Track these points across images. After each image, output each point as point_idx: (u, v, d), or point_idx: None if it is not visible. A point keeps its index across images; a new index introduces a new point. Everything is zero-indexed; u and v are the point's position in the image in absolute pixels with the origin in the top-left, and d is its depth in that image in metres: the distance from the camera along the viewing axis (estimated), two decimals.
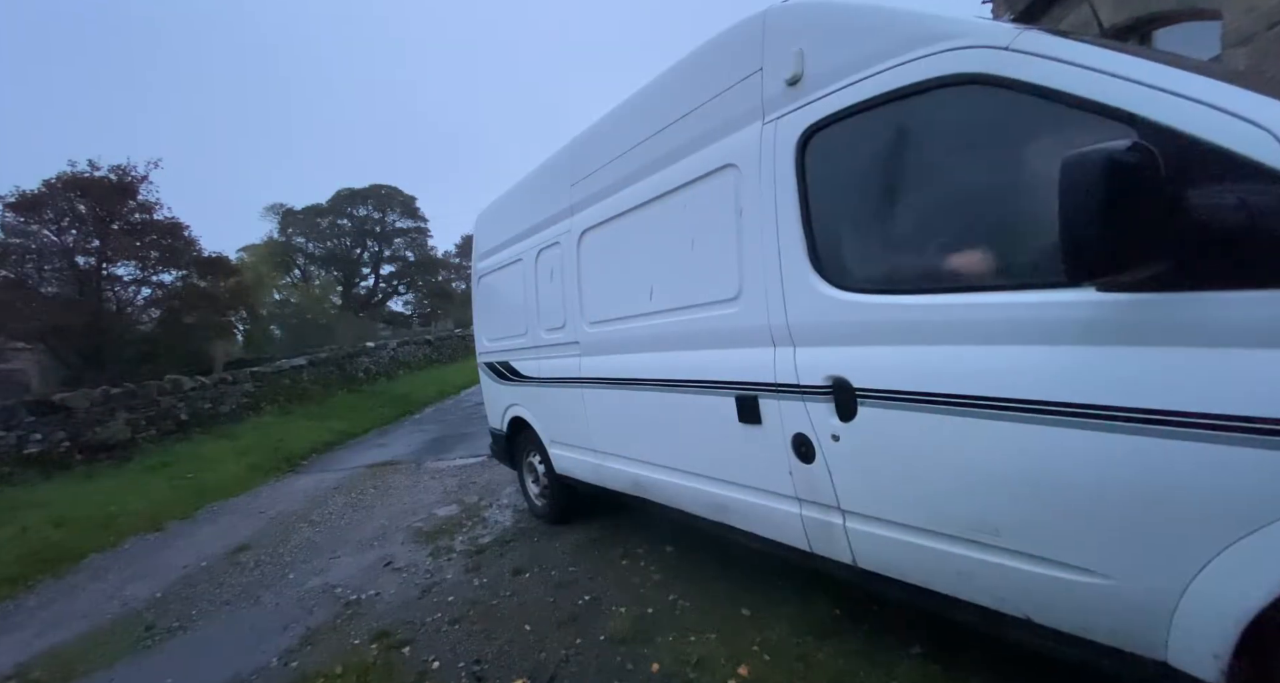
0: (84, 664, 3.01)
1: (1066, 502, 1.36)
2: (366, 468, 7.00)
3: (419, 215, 37.01)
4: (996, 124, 1.49)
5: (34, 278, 14.32)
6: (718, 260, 2.24)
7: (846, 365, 1.78)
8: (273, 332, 27.37)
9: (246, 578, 3.91)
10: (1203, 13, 4.16)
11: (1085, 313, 1.28)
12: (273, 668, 2.70)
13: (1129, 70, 1.24)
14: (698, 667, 2.21)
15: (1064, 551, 1.39)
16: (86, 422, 8.09)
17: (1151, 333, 1.19)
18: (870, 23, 1.74)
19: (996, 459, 1.47)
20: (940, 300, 1.55)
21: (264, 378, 11.45)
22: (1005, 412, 1.42)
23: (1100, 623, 1.37)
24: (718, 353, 2.29)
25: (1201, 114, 1.12)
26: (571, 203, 3.27)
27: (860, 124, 1.76)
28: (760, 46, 2.06)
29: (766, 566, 2.77)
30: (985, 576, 1.55)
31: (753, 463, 2.19)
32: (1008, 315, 1.41)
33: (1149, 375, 1.20)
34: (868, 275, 1.80)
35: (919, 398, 1.59)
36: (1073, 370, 1.31)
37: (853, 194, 1.85)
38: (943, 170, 1.64)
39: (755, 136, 2.06)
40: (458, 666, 2.47)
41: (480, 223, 4.66)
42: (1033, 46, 1.39)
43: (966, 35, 1.51)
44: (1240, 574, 1.11)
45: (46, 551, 4.83)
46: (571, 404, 3.44)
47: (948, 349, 1.54)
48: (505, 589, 3.14)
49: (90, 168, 14.23)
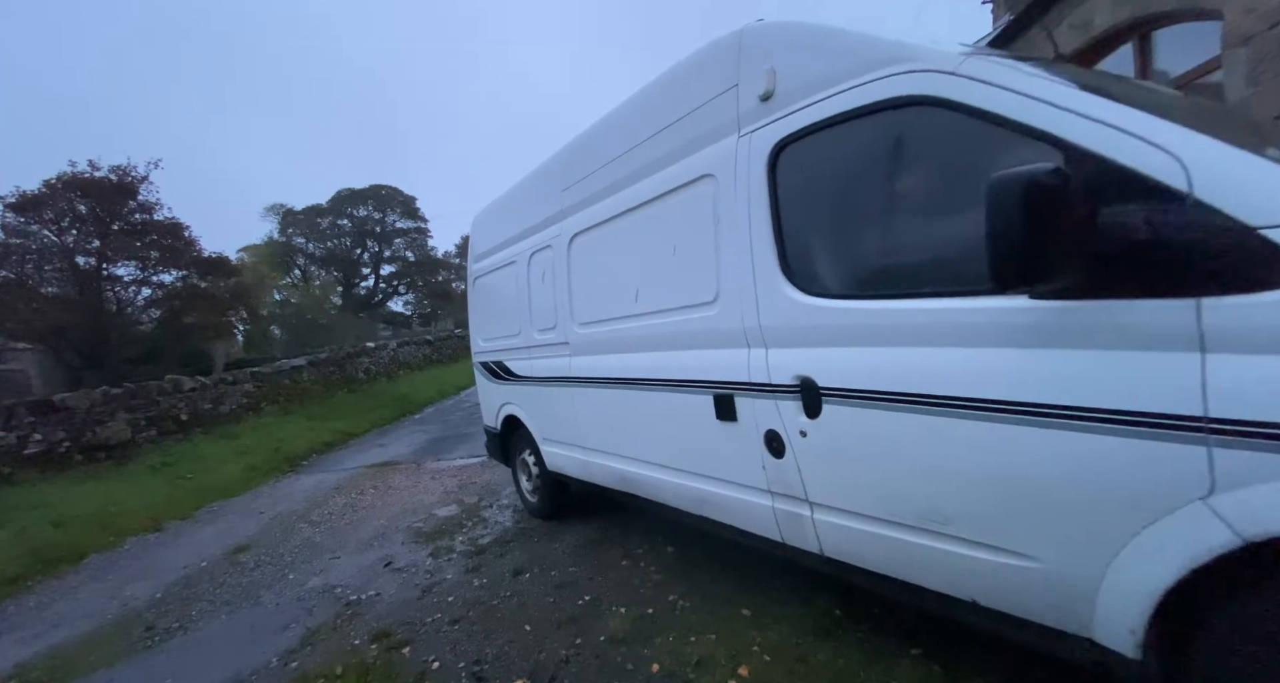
0: (84, 664, 3.01)
1: (1003, 491, 1.48)
2: (366, 468, 7.00)
3: (419, 216, 37.02)
4: (942, 143, 1.60)
5: (34, 278, 14.33)
6: (697, 265, 2.36)
7: (812, 366, 1.90)
8: (273, 332, 27.39)
9: (246, 578, 3.91)
10: (1203, 13, 4.16)
11: (1015, 318, 1.40)
12: (273, 668, 2.70)
13: (1059, 98, 1.36)
14: (698, 667, 2.21)
15: (1004, 537, 1.50)
16: (86, 422, 8.09)
17: (1070, 337, 1.32)
18: (834, 45, 1.86)
19: (943, 453, 1.58)
20: (894, 306, 1.68)
21: (264, 378, 11.45)
22: (950, 408, 1.53)
23: (1036, 604, 1.49)
24: (697, 354, 2.40)
25: (1119, 140, 1.24)
26: (563, 207, 3.37)
27: (824, 140, 1.88)
28: (737, 63, 2.18)
29: (766, 566, 2.77)
30: (938, 562, 1.67)
31: (729, 458, 2.31)
32: (951, 320, 1.53)
33: (1067, 375, 1.32)
34: (831, 282, 1.91)
35: (876, 396, 1.71)
36: (1004, 370, 1.43)
37: (817, 205, 1.97)
38: (896, 185, 1.76)
39: (731, 149, 2.19)
40: (458, 666, 2.47)
41: (476, 225, 4.76)
42: (975, 72, 1.50)
43: (917, 59, 1.62)
44: (1150, 557, 1.23)
45: (46, 551, 4.83)
46: (562, 403, 3.54)
47: (901, 351, 1.65)
48: (505, 590, 3.14)
49: (90, 168, 14.25)
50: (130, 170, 14.60)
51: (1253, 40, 3.76)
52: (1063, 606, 1.42)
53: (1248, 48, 3.80)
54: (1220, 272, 1.12)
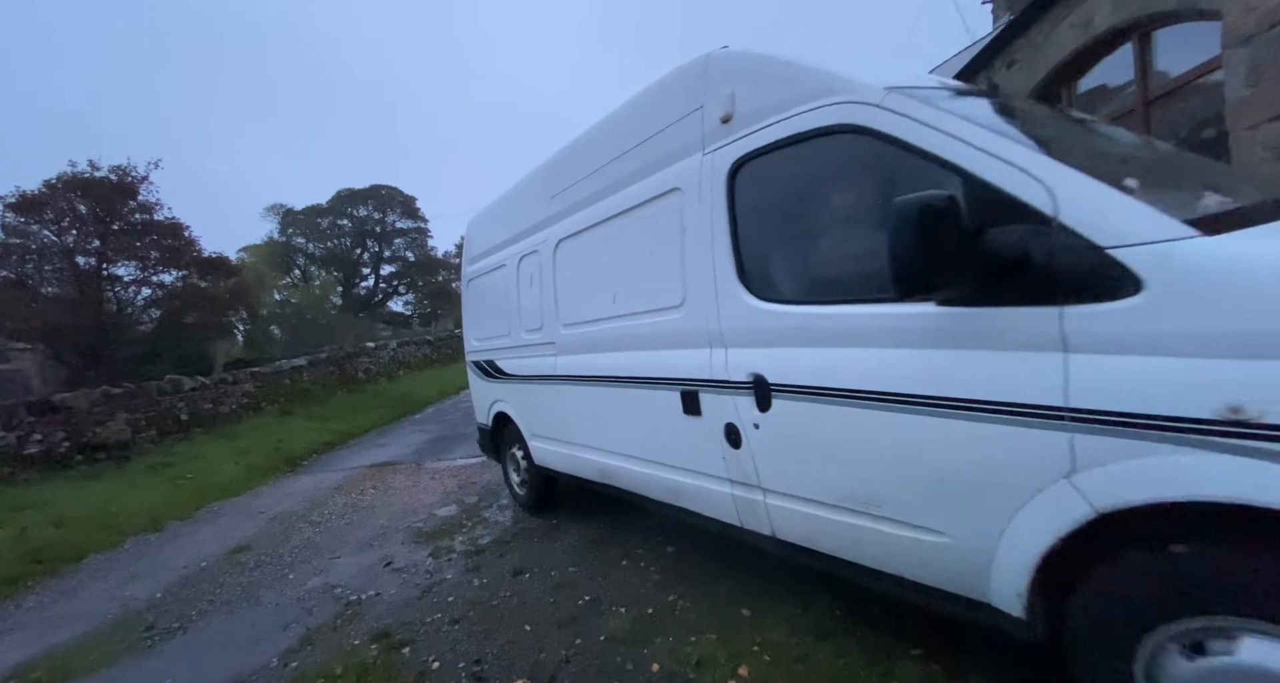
0: (84, 664, 3.01)
1: (916, 474, 1.68)
2: (366, 468, 7.00)
3: (419, 216, 37.02)
4: (867, 167, 1.82)
5: (34, 278, 14.33)
6: (666, 272, 2.55)
7: (764, 364, 2.09)
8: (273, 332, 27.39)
9: (246, 578, 3.91)
10: (1203, 13, 4.16)
11: (922, 322, 1.61)
12: (273, 668, 2.69)
13: (960, 131, 1.56)
14: (698, 667, 2.21)
15: (919, 516, 1.70)
16: (86, 422, 8.09)
17: (964, 338, 1.52)
18: (784, 74, 2.05)
19: (868, 441, 1.78)
20: (829, 310, 1.89)
21: (264, 378, 11.45)
22: (872, 401, 1.74)
23: (947, 575, 1.68)
24: (667, 353, 2.59)
25: (1004, 170, 1.45)
26: (549, 214, 3.56)
27: (774, 160, 2.08)
28: (703, 86, 2.38)
29: (766, 566, 2.77)
30: (870, 540, 1.86)
31: (695, 450, 2.49)
32: (874, 323, 1.74)
33: (961, 372, 1.53)
34: (779, 288, 2.12)
35: (815, 391, 1.91)
36: (913, 367, 1.63)
37: (768, 219, 2.17)
38: (830, 202, 1.99)
39: (697, 165, 2.38)
40: (458, 666, 2.47)
41: (471, 229, 4.96)
42: (895, 106, 1.70)
43: (849, 92, 1.81)
44: (1028, 528, 1.43)
45: (46, 551, 4.82)
46: (548, 399, 3.74)
47: (836, 350, 1.86)
48: (505, 590, 3.14)
49: (90, 168, 14.26)
50: (130, 170, 14.61)
51: (1253, 40, 3.76)
52: (968, 575, 1.62)
53: (1248, 48, 3.79)
54: (1078, 284, 1.33)
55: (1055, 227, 1.35)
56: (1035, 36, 6.04)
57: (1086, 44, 5.30)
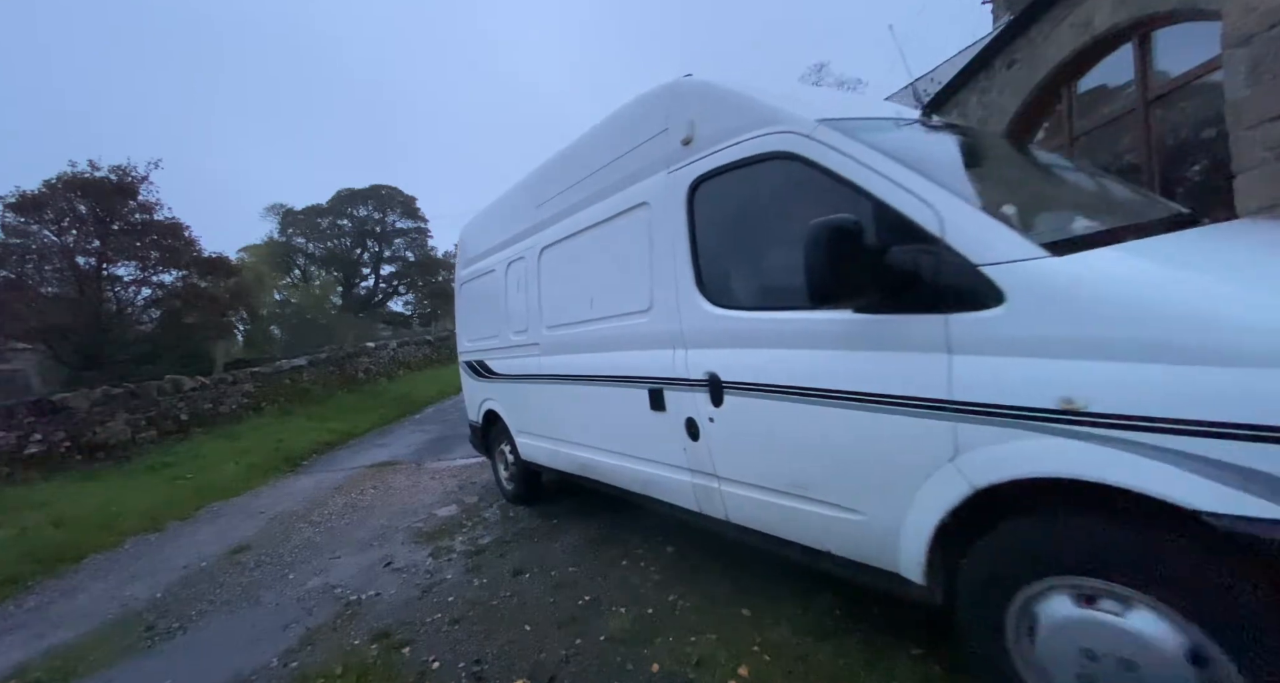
0: (84, 664, 3.01)
1: (837, 459, 1.92)
2: (367, 468, 7.00)
3: (419, 216, 36.99)
4: (798, 190, 2.03)
5: (34, 278, 14.32)
6: (637, 279, 2.78)
7: (717, 364, 2.32)
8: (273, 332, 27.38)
9: (246, 578, 3.91)
10: (1203, 13, 4.16)
11: (840, 327, 1.84)
12: (273, 668, 2.69)
13: (873, 162, 1.79)
14: (698, 667, 2.21)
15: (842, 497, 1.93)
16: (86, 422, 8.09)
17: (872, 341, 1.76)
18: (735, 104, 2.29)
19: (800, 431, 2.01)
20: (769, 316, 2.12)
21: (264, 378, 11.45)
22: (800, 396, 1.98)
23: (865, 549, 1.91)
24: (636, 354, 2.81)
25: (905, 197, 1.68)
26: (535, 222, 3.80)
27: (726, 180, 2.31)
28: (668, 111, 2.62)
29: (766, 566, 2.77)
30: (805, 521, 2.09)
31: (661, 443, 2.70)
32: (802, 328, 1.98)
33: (870, 369, 1.77)
34: (730, 295, 2.34)
35: (757, 387, 2.15)
36: (832, 366, 1.88)
37: (721, 233, 2.40)
38: (770, 220, 2.20)
39: (662, 182, 2.62)
40: (458, 666, 2.47)
41: (464, 234, 5.25)
42: (822, 137, 1.93)
43: (786, 122, 2.05)
44: (925, 505, 1.66)
45: (46, 551, 4.82)
46: (533, 397, 3.99)
47: (774, 351, 2.09)
48: (505, 590, 3.14)
49: (90, 168, 14.25)
50: (130, 170, 14.60)
51: (1253, 40, 3.76)
52: (881, 548, 1.84)
53: (1248, 48, 3.79)
54: (958, 295, 1.56)
55: (942, 246, 1.58)
56: (1035, 36, 6.03)
57: (1086, 44, 5.30)
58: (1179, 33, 4.60)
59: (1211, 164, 4.47)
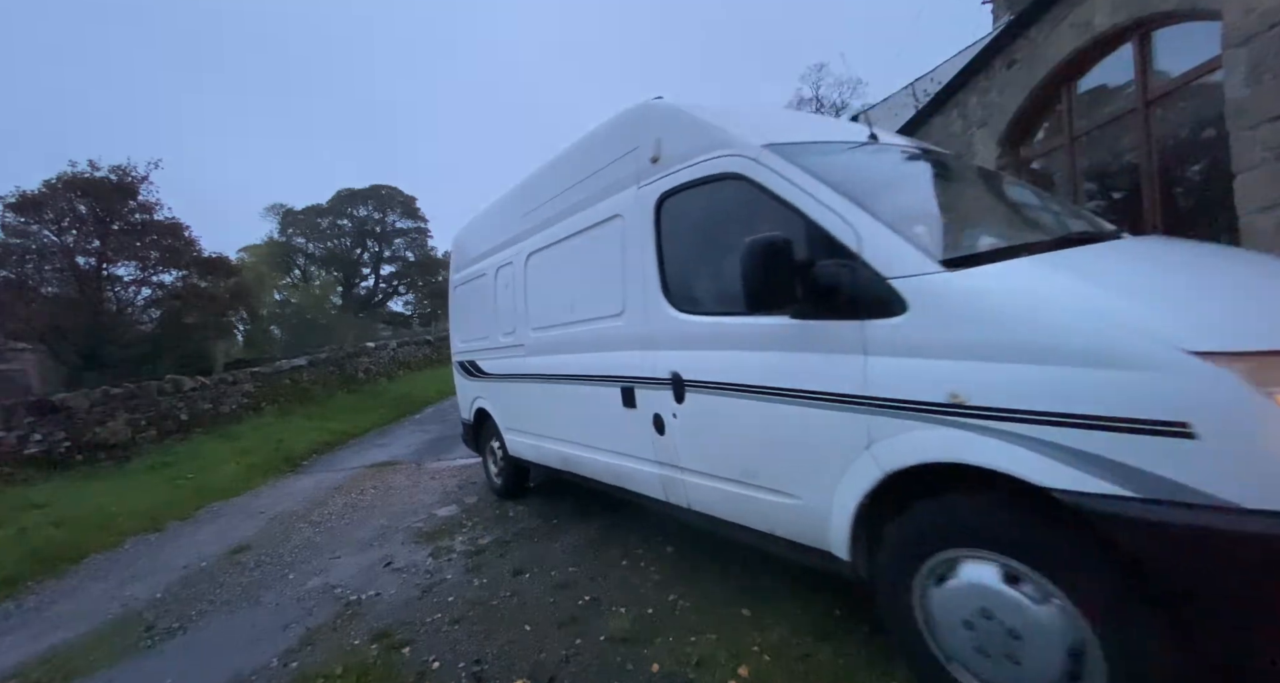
0: (84, 664, 3.01)
1: (777, 449, 2.13)
2: (367, 468, 7.00)
3: (419, 216, 36.99)
4: (744, 208, 2.24)
5: (34, 278, 14.32)
6: (611, 285, 2.99)
7: (679, 364, 2.54)
8: (273, 332, 27.39)
9: (246, 578, 3.91)
10: (1203, 13, 4.16)
11: (779, 331, 2.04)
12: (273, 668, 2.69)
13: (805, 185, 2.01)
14: (698, 667, 2.21)
15: (783, 483, 2.14)
16: (86, 422, 8.09)
17: (804, 343, 1.98)
18: (695, 127, 2.53)
19: (747, 424, 2.23)
20: (722, 321, 2.33)
21: (264, 378, 11.45)
22: (749, 393, 2.20)
23: (803, 530, 2.11)
24: (611, 354, 3.02)
25: (831, 217, 1.91)
26: (523, 230, 4.01)
27: (687, 197, 2.55)
28: (639, 130, 2.84)
29: (766, 566, 2.77)
30: (753, 506, 2.29)
31: (632, 437, 2.91)
32: (749, 331, 2.18)
33: (802, 369, 1.99)
34: (690, 301, 2.55)
35: (711, 385, 2.37)
36: (773, 365, 2.09)
37: (682, 244, 2.63)
38: (721, 233, 2.34)
39: (633, 196, 2.84)
40: (458, 666, 2.47)
41: (457, 239, 5.49)
42: (765, 160, 2.15)
43: (735, 146, 2.28)
44: (848, 489, 1.88)
45: (46, 551, 4.82)
46: (519, 396, 4.22)
47: (726, 352, 2.30)
48: (505, 590, 3.14)
49: (90, 168, 14.26)
50: (130, 170, 14.61)
51: (1253, 40, 3.76)
52: (816, 529, 2.04)
53: (1248, 48, 3.79)
54: (872, 304, 1.78)
55: (859, 261, 1.80)
56: (1035, 36, 6.03)
57: (1086, 44, 5.30)
58: (1179, 33, 4.59)
59: (1211, 164, 4.47)
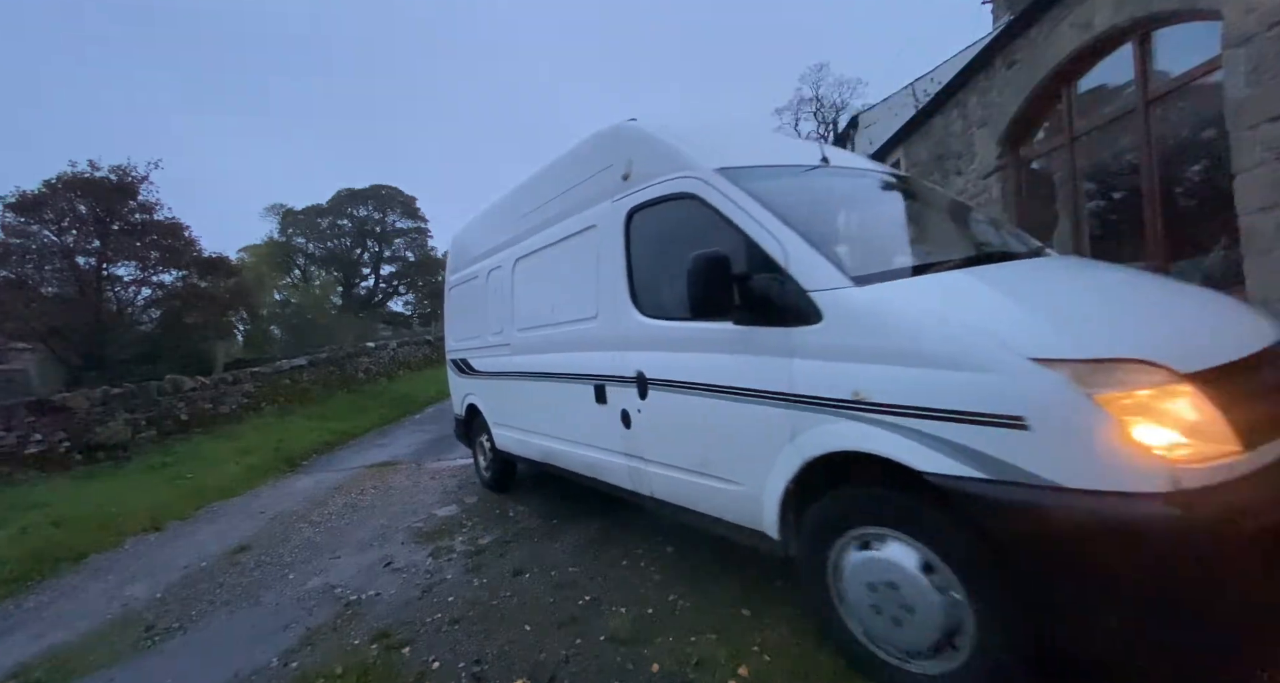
0: (84, 664, 3.01)
1: (722, 441, 2.39)
2: (366, 468, 7.00)
3: (419, 216, 37.00)
4: (697, 224, 2.48)
5: (34, 278, 14.32)
6: (587, 290, 3.24)
7: (644, 363, 2.78)
8: (273, 332, 27.38)
9: (246, 578, 3.91)
10: (1203, 13, 4.16)
11: (724, 336, 2.30)
12: (273, 668, 2.69)
13: (746, 206, 2.28)
14: (698, 667, 2.21)
15: (728, 471, 2.39)
16: (86, 422, 8.08)
17: (744, 346, 2.23)
18: (660, 149, 2.80)
19: (698, 418, 2.48)
20: (679, 325, 2.58)
21: (264, 378, 11.44)
22: (699, 390, 2.46)
23: (744, 513, 2.35)
24: (586, 354, 3.25)
25: (765, 236, 2.18)
26: (512, 235, 4.27)
27: (652, 212, 2.82)
28: (613, 149, 3.10)
29: (766, 566, 2.77)
30: (704, 493, 2.54)
31: (603, 431, 3.14)
32: (700, 335, 2.44)
33: (742, 369, 2.24)
34: (653, 307, 2.80)
35: (669, 383, 2.64)
36: (719, 366, 2.35)
37: (648, 255, 2.87)
38: (678, 247, 2.49)
39: (608, 209, 3.09)
40: (458, 666, 2.47)
41: (453, 243, 5.80)
42: (715, 182, 2.43)
43: (691, 168, 2.56)
44: (777, 475, 2.13)
45: (46, 551, 4.82)
46: (506, 392, 4.48)
47: (682, 354, 2.57)
48: (505, 590, 3.14)
49: (90, 168, 14.25)
50: (130, 170, 14.60)
51: (1253, 40, 3.76)
52: (753, 512, 2.28)
53: (1248, 48, 3.79)
54: (796, 313, 2.04)
55: (787, 276, 2.06)
56: (1035, 36, 6.03)
57: (1086, 44, 5.30)
58: (1179, 33, 4.59)
59: (1211, 164, 4.47)
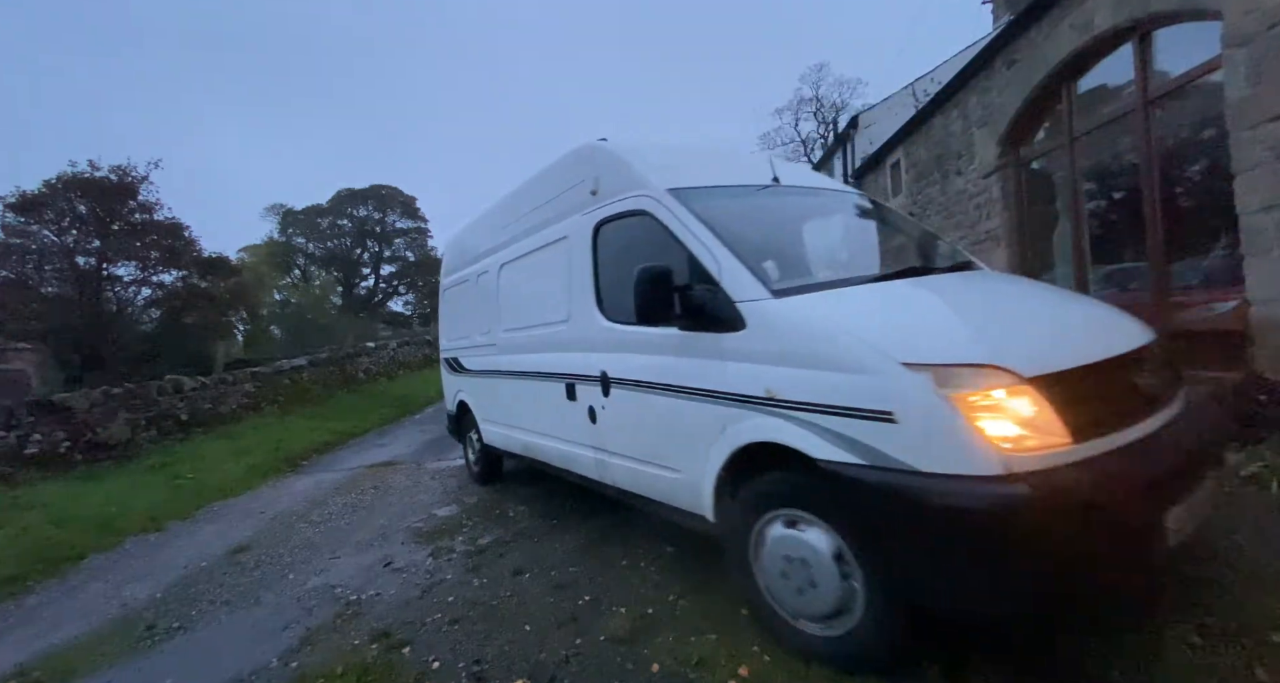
0: (84, 664, 3.01)
1: (669, 434, 2.67)
2: (366, 468, 7.00)
3: (419, 216, 37.01)
4: (649, 239, 2.76)
5: (34, 278, 14.30)
6: (560, 295, 3.52)
7: (607, 364, 3.06)
8: (273, 332, 27.39)
9: (246, 578, 3.91)
10: (1203, 13, 4.16)
11: (670, 340, 2.58)
12: (273, 668, 2.69)
13: (689, 224, 2.57)
14: (698, 667, 2.21)
15: (674, 461, 2.67)
16: (86, 422, 8.08)
17: (687, 350, 2.51)
18: (622, 169, 3.08)
19: (650, 413, 2.77)
20: (635, 329, 2.81)
21: (264, 378, 11.45)
22: (650, 388, 2.74)
23: (686, 498, 2.62)
24: (559, 355, 3.54)
25: (704, 252, 2.47)
26: (499, 242, 4.58)
27: (614, 226, 3.11)
28: (584, 166, 3.38)
29: None
30: (655, 481, 2.82)
31: (573, 426, 3.42)
32: (651, 339, 2.71)
33: (685, 370, 2.52)
34: (615, 312, 3.03)
35: (627, 382, 2.92)
36: (666, 366, 2.63)
37: (611, 264, 3.12)
38: (634, 258, 2.65)
39: (578, 222, 3.37)
40: (458, 666, 2.47)
41: (447, 248, 6.22)
42: (665, 201, 2.71)
43: (645, 188, 2.85)
44: (711, 463, 2.40)
45: (46, 551, 4.82)
46: (492, 390, 4.78)
47: (637, 355, 2.85)
48: (505, 590, 3.14)
49: (91, 168, 14.22)
50: (130, 170, 14.57)
51: (1253, 40, 3.76)
52: (694, 497, 2.54)
53: (1248, 48, 3.79)
54: (726, 321, 2.31)
55: (719, 288, 2.34)
56: (1035, 36, 6.03)
57: (1086, 44, 5.30)
58: (1179, 33, 4.60)
59: (1211, 164, 4.47)
